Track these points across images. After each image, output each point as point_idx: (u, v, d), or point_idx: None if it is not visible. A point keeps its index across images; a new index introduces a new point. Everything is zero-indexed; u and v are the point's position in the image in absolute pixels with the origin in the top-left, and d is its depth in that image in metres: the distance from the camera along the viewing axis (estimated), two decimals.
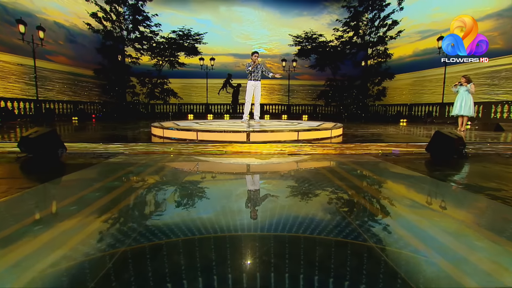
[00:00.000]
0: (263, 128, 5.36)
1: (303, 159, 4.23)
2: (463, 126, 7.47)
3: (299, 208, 2.01)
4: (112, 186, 2.51)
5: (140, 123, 10.54)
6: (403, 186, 2.78)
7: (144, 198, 2.21)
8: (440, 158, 4.22)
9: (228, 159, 4.11)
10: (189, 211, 1.94)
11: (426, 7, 14.03)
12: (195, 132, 4.91)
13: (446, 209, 2.07)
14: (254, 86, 6.70)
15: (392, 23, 15.33)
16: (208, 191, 2.51)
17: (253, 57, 6.57)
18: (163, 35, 18.38)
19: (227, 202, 2.15)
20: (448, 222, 1.82)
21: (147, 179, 2.81)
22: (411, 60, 15.36)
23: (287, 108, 19.82)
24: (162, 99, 18.88)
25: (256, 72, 6.65)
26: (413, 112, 14.60)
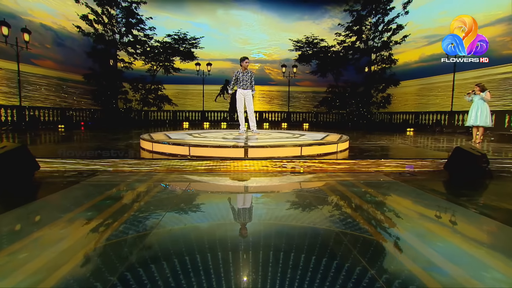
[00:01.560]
0: (262, 142, 5.03)
1: (308, 179, 3.89)
2: (479, 138, 7.18)
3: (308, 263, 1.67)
4: (84, 218, 2.16)
5: (131, 132, 10.21)
6: (431, 222, 2.44)
7: (121, 235, 1.86)
8: (462, 178, 3.91)
9: (223, 180, 3.77)
10: (175, 254, 1.60)
11: (432, 11, 13.93)
12: (187, 147, 4.58)
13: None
14: (243, 95, 6.41)
15: (397, 28, 15.19)
16: (196, 231, 2.16)
17: (243, 63, 6.32)
18: (158, 39, 18.20)
19: (221, 246, 1.80)
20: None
21: (127, 208, 2.46)
22: (417, 66, 15.19)
23: (287, 116, 19.57)
24: (156, 106, 18.58)
25: (246, 80, 6.36)
26: (420, 121, 14.35)
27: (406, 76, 15.62)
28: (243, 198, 3.09)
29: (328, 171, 4.31)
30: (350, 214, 2.39)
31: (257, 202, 2.94)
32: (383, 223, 2.22)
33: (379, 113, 17.67)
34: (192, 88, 20.10)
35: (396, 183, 3.61)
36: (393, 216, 2.44)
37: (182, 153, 4.63)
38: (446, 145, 7.15)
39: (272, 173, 4.14)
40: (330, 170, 4.33)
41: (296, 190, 3.38)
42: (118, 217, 2.22)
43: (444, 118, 13.12)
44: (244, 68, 6.35)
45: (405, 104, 16.15)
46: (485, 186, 3.58)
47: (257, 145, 4.55)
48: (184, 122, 17.97)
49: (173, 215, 2.31)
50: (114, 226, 2.04)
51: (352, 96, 18.20)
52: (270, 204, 2.83)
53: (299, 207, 2.66)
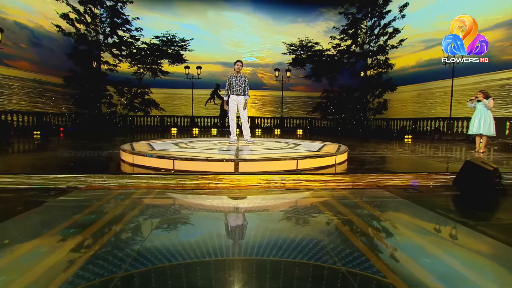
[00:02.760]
0: (254, 154, 4.74)
1: (305, 198, 3.61)
2: (482, 147, 7.04)
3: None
4: (39, 254, 1.81)
5: (114, 139, 9.79)
6: (457, 259, 2.17)
7: (78, 281, 1.53)
8: (474, 195, 3.69)
9: (211, 200, 3.45)
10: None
11: (430, 15, 14.01)
12: (171, 160, 4.25)
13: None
14: (236, 101, 6.14)
15: (394, 31, 15.27)
16: (176, 271, 1.83)
17: (235, 66, 6.07)
18: (145, 41, 17.89)
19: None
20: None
21: (95, 239, 2.12)
22: (414, 71, 15.22)
23: (280, 121, 19.38)
24: (142, 111, 18.16)
25: (239, 85, 6.10)
26: (418, 127, 14.31)
27: (403, 81, 15.64)
28: (231, 224, 2.77)
29: (327, 187, 4.04)
30: (356, 245, 2.10)
31: (247, 228, 2.63)
32: (397, 260, 1.94)
33: (376, 119, 17.64)
34: (181, 93, 19.75)
35: (404, 202, 3.36)
36: (409, 248, 2.17)
37: (166, 167, 4.30)
38: (449, 155, 6.99)
39: (265, 190, 3.85)
40: (329, 186, 4.07)
41: (292, 214, 3.09)
42: (82, 253, 1.88)
43: (442, 125, 13.09)
44: (237, 72, 6.08)
45: (402, 110, 16.15)
46: (503, 207, 3.36)
47: (248, 159, 4.26)
48: (172, 128, 17.57)
49: (149, 250, 1.98)
50: (73, 268, 1.70)
51: (347, 101, 18.18)
52: (262, 231, 2.52)
53: (296, 236, 2.36)
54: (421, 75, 14.59)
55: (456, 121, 12.42)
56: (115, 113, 16.92)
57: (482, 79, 11.83)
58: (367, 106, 17.31)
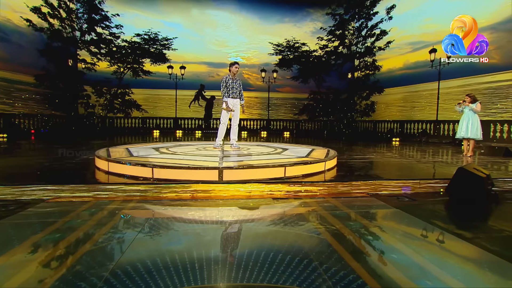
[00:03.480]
0: (240, 161, 4.56)
1: (293, 208, 3.46)
2: (470, 151, 7.13)
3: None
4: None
5: (91, 143, 9.36)
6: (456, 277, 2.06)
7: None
8: (467, 202, 3.64)
9: (193, 211, 3.24)
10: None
11: (417, 17, 14.29)
12: (150, 168, 4.00)
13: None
14: (232, 104, 5.97)
15: (381, 33, 15.48)
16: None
17: (233, 68, 5.86)
18: (126, 39, 17.40)
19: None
20: None
21: (60, 261, 1.87)
22: (401, 73, 15.48)
23: (266, 123, 19.28)
24: (123, 112, 17.64)
25: (236, 88, 5.93)
26: (406, 130, 14.53)
27: (391, 84, 15.88)
28: (214, 242, 2.57)
29: (316, 195, 3.91)
30: (352, 266, 1.95)
31: (231, 247, 2.44)
32: (397, 283, 1.80)
33: (363, 122, 17.83)
34: (163, 93, 19.37)
35: (397, 213, 3.26)
36: (408, 268, 2.04)
37: (144, 175, 4.04)
38: (439, 160, 7.04)
39: (251, 200, 3.67)
40: (318, 195, 3.93)
41: (280, 228, 2.91)
42: (39, 283, 1.64)
43: (429, 127, 13.33)
44: (234, 74, 5.89)
45: (390, 112, 16.38)
46: (498, 215, 3.32)
47: (233, 166, 4.06)
48: (155, 130, 17.14)
49: (119, 278, 1.76)
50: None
51: (335, 103, 18.29)
52: (248, 250, 2.33)
53: (285, 257, 2.19)
54: (408, 77, 14.85)
55: (442, 124, 12.67)
56: (93, 115, 16.32)
57: (468, 82, 12.13)
58: (355, 108, 17.46)
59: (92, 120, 16.22)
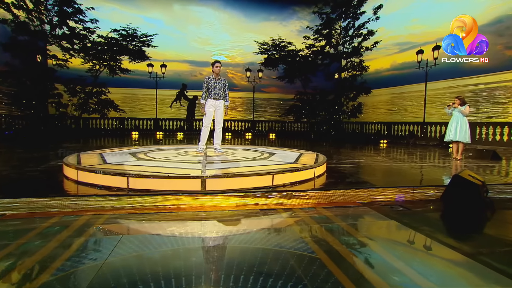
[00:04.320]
0: (224, 168, 4.35)
1: (282, 221, 3.28)
2: (459, 154, 7.21)
3: None
4: None
5: (63, 146, 8.87)
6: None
7: None
8: (463, 211, 3.59)
9: (172, 227, 3.00)
10: None
11: (404, 18, 14.53)
12: (125, 177, 3.72)
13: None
14: (214, 106, 5.81)
15: (368, 33, 15.63)
16: None
17: (214, 68, 5.73)
18: (101, 34, 16.77)
19: None
20: None
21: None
22: (388, 74, 15.71)
23: (251, 125, 19.12)
24: (98, 112, 17.00)
25: (219, 88, 5.76)
26: (393, 132, 14.72)
27: (378, 85, 16.07)
28: (195, 264, 2.35)
29: (306, 205, 3.76)
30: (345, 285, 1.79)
31: (214, 270, 2.23)
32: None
33: (350, 123, 17.97)
34: (143, 93, 18.87)
35: (393, 224, 3.15)
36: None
37: (119, 185, 3.76)
38: (429, 164, 7.09)
39: (236, 212, 3.46)
40: (308, 204, 3.79)
41: (268, 246, 2.72)
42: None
43: (416, 129, 13.55)
44: (216, 74, 5.75)
45: (377, 113, 16.58)
46: (496, 225, 3.27)
47: (217, 175, 3.85)
48: (134, 132, 16.63)
49: None
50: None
51: (321, 104, 18.35)
52: (234, 274, 2.13)
53: (276, 280, 2.00)
54: (395, 79, 15.07)
55: (429, 126, 12.90)
56: (65, 115, 15.61)
57: (454, 84, 12.40)
58: (342, 109, 17.57)
59: (65, 121, 15.51)
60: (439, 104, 12.85)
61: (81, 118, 16.56)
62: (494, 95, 11.03)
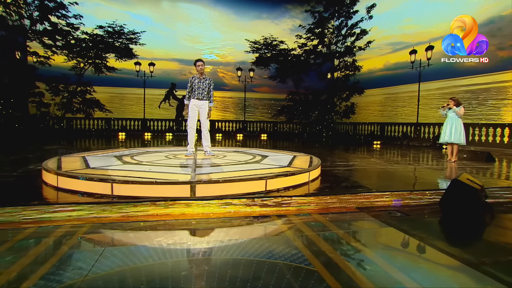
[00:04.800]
0: (215, 172, 4.21)
1: (276, 229, 3.16)
2: (453, 156, 7.24)
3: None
4: None
5: (43, 149, 8.57)
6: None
7: None
8: (463, 216, 3.54)
9: (160, 238, 2.84)
10: None
11: (397, 17, 14.63)
12: (109, 183, 3.55)
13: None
14: (198, 107, 5.68)
15: (361, 33, 15.70)
16: None
17: (197, 67, 5.63)
18: (86, 31, 16.37)
19: None
20: None
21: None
22: (382, 74, 15.80)
23: (242, 125, 18.99)
24: (83, 112, 16.61)
25: (203, 88, 5.64)
26: (386, 132, 14.80)
27: (371, 85, 16.15)
28: (186, 276, 2.21)
29: (301, 212, 3.66)
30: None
31: (203, 280, 2.09)
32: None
33: (343, 124, 18.02)
34: (130, 92, 18.54)
35: (392, 232, 3.07)
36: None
37: (102, 192, 3.59)
38: (425, 166, 7.09)
39: (228, 219, 3.34)
40: (303, 211, 3.69)
41: (263, 255, 2.61)
42: None
43: (410, 130, 13.65)
44: (200, 73, 5.61)
45: (370, 114, 16.66)
46: (498, 232, 3.23)
47: (208, 180, 3.71)
48: (120, 133, 16.30)
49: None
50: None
51: (314, 104, 18.36)
52: (225, 285, 2.00)
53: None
54: (388, 79, 15.17)
55: (423, 127, 13.00)
56: (47, 115, 15.17)
57: (446, 84, 12.54)
58: (334, 110, 17.61)
59: (47, 122, 15.07)
60: (431, 106, 12.99)
61: (65, 118, 16.13)
62: (486, 96, 11.18)
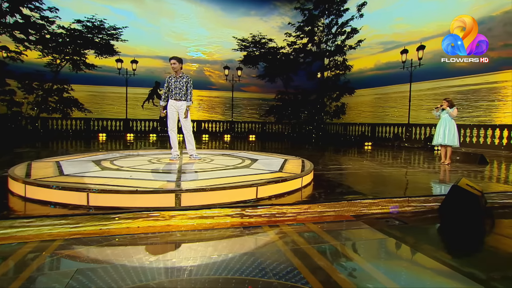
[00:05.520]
0: (202, 182, 4.01)
1: (269, 241, 3.01)
2: (447, 159, 7.27)
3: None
4: None
5: (15, 151, 8.15)
6: None
7: None
8: (461, 223, 3.49)
9: (140, 253, 2.64)
10: None
11: (388, 16, 14.75)
12: (85, 193, 3.31)
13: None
14: (176, 108, 5.49)
15: (352, 31, 15.77)
16: None
17: (170, 65, 5.43)
18: (63, 25, 15.82)
19: None
20: None
21: None
22: (372, 74, 15.91)
23: (230, 126, 18.80)
24: (60, 112, 16.06)
25: (179, 88, 5.44)
26: (377, 133, 14.89)
27: (361, 85, 16.24)
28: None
29: (295, 221, 3.53)
30: None
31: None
32: None
33: (333, 124, 18.06)
34: (112, 91, 18.08)
35: (393, 243, 2.97)
36: None
37: (77, 202, 3.34)
38: (419, 169, 7.10)
39: (217, 230, 3.16)
40: (298, 219, 3.57)
41: (256, 273, 2.44)
42: None
43: (401, 131, 13.76)
44: (175, 72, 5.43)
45: (361, 114, 16.75)
46: (502, 242, 3.18)
47: (194, 188, 3.52)
48: (101, 134, 15.82)
49: None
50: None
51: (303, 104, 18.35)
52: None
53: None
54: (379, 79, 15.28)
55: (414, 128, 13.13)
56: (19, 114, 14.57)
57: (437, 85, 12.70)
58: (324, 110, 17.64)
59: (19, 122, 14.47)
60: (422, 107, 13.14)
61: (39, 118, 15.54)
62: (477, 97, 11.36)
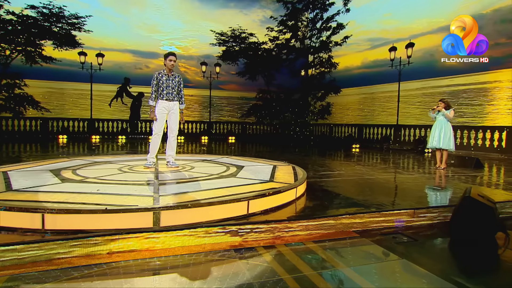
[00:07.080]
0: (183, 196, 3.66)
1: (265, 268, 2.72)
2: (443, 163, 7.30)
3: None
4: None
5: None
6: None
7: None
8: (475, 238, 3.38)
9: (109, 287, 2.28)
10: None
11: (376, 12, 14.91)
12: (39, 214, 2.88)
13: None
14: (168, 109, 5.19)
15: (337, 27, 15.83)
16: None
17: (168, 61, 5.11)
18: (13, 10, 14.81)
19: None
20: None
21: None
22: (359, 73, 16.04)
23: (207, 127, 18.45)
24: (10, 111, 15.05)
25: (172, 87, 5.17)
26: (365, 135, 15.00)
27: (348, 83, 16.33)
28: None
29: (293, 240, 3.29)
30: None
31: None
32: None
33: (318, 125, 18.08)
34: (74, 87, 17.23)
35: (405, 265, 2.78)
36: None
37: (29, 226, 2.91)
38: (415, 174, 7.10)
39: (204, 254, 2.85)
40: (295, 238, 3.33)
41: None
42: None
43: (390, 132, 13.90)
44: (169, 69, 5.14)
45: (347, 115, 16.85)
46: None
47: (175, 205, 3.17)
48: (61, 136, 14.93)
49: None
50: None
51: (286, 103, 18.25)
52: None
53: None
54: (366, 77, 15.41)
55: (403, 129, 13.29)
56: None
57: (427, 84, 12.93)
58: (309, 110, 17.62)
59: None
60: (410, 108, 13.36)
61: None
62: (467, 97, 11.64)
